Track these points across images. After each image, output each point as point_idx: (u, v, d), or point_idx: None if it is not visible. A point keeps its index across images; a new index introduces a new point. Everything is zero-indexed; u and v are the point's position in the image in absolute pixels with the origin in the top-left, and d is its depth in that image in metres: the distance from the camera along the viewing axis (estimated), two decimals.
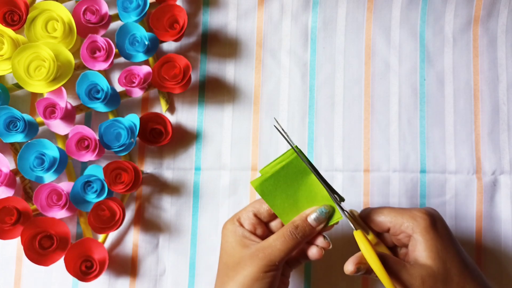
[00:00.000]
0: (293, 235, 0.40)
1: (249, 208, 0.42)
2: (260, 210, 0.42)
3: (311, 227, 0.40)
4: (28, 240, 0.47)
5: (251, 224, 0.42)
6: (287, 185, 0.40)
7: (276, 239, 0.40)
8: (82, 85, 0.49)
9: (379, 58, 0.54)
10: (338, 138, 0.53)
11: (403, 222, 0.40)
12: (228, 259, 0.41)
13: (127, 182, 0.48)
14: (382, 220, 0.41)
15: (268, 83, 0.54)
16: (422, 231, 0.39)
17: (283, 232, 0.40)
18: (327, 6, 0.54)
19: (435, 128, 0.54)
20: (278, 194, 0.41)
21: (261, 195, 0.41)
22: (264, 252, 0.39)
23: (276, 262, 0.39)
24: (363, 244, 0.39)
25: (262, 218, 0.42)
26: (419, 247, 0.39)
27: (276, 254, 0.39)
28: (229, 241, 0.41)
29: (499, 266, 0.52)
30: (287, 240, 0.40)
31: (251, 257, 0.39)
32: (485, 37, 0.55)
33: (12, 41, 0.48)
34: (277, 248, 0.39)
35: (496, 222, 0.53)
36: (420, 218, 0.40)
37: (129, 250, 0.52)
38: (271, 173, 0.40)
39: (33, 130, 0.49)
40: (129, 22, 0.50)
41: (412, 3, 0.55)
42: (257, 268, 0.39)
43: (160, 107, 0.53)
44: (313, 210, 0.41)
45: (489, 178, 0.53)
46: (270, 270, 0.39)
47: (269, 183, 0.40)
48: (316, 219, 0.40)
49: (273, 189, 0.40)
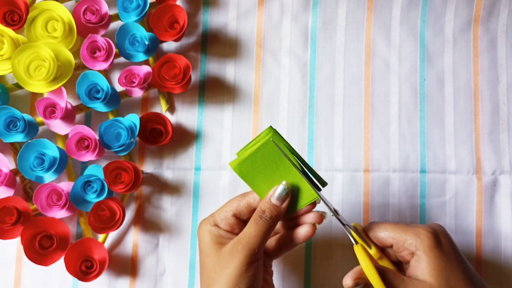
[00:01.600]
0: (263, 218, 0.39)
1: (226, 209, 0.42)
2: (239, 209, 0.41)
3: (276, 206, 0.40)
4: (28, 240, 0.47)
5: (229, 225, 0.41)
6: (265, 166, 0.40)
7: (249, 226, 0.40)
8: (82, 85, 0.49)
9: (379, 58, 0.54)
10: (338, 138, 0.53)
11: (406, 239, 0.39)
12: (207, 260, 0.40)
13: (127, 182, 0.48)
14: (385, 235, 0.40)
15: (268, 83, 0.54)
16: (425, 248, 0.38)
17: (254, 218, 0.40)
18: (327, 6, 0.54)
19: (435, 128, 0.54)
20: (257, 175, 0.40)
21: (240, 176, 0.41)
22: (242, 243, 0.39)
23: (255, 249, 0.39)
24: (362, 259, 0.38)
25: (242, 216, 0.42)
26: (421, 264, 0.38)
27: (254, 241, 0.39)
28: (205, 241, 0.41)
29: (499, 266, 0.52)
30: (259, 225, 0.39)
31: (231, 253, 0.39)
32: (485, 37, 0.55)
33: (12, 41, 0.48)
34: (253, 235, 0.39)
35: (496, 222, 0.53)
36: (424, 236, 0.39)
37: (129, 250, 0.52)
38: (248, 153, 0.40)
39: (33, 130, 0.49)
40: (129, 22, 0.50)
41: (412, 3, 0.55)
42: (238, 262, 0.38)
43: (160, 107, 0.53)
44: (274, 190, 0.40)
45: (489, 178, 0.53)
46: (252, 261, 0.39)
47: (247, 164, 0.40)
48: (278, 197, 0.40)
49: (251, 170, 0.40)
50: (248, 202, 0.41)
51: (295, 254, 0.52)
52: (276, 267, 0.51)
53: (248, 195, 0.42)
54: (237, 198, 0.42)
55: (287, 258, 0.52)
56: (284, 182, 0.40)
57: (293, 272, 0.52)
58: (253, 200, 0.41)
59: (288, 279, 0.51)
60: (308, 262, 0.52)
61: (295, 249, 0.51)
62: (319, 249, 0.52)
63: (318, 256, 0.52)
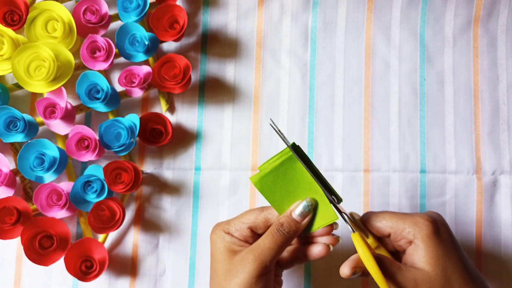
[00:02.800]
0: (280, 232, 0.39)
1: (243, 220, 0.41)
2: (256, 222, 0.41)
3: (296, 222, 0.40)
4: (28, 240, 0.47)
5: (243, 236, 0.41)
6: (286, 181, 0.40)
7: (265, 238, 0.39)
8: (82, 85, 0.49)
9: (379, 58, 0.54)
10: (338, 138, 0.53)
11: (404, 227, 0.39)
12: (218, 267, 0.40)
13: (127, 182, 0.48)
14: (382, 225, 0.40)
15: (268, 83, 0.54)
16: (424, 237, 0.38)
17: (270, 231, 0.39)
18: (327, 6, 0.54)
19: (435, 128, 0.54)
20: (277, 190, 0.40)
21: (260, 191, 0.40)
22: (254, 254, 0.38)
23: (267, 262, 0.38)
24: (360, 247, 0.38)
25: (258, 230, 0.41)
26: (419, 252, 0.38)
27: (267, 254, 0.38)
28: (217, 247, 0.40)
29: (499, 266, 0.52)
30: (275, 238, 0.39)
31: (242, 262, 0.38)
32: (485, 37, 0.55)
33: (12, 41, 0.48)
34: (266, 247, 0.39)
35: (496, 222, 0.53)
36: (423, 224, 0.39)
37: (129, 250, 0.52)
38: (270, 169, 0.40)
39: (33, 130, 0.49)
40: (129, 22, 0.50)
41: (412, 3, 0.55)
42: (249, 274, 0.38)
43: (160, 107, 0.53)
44: (297, 205, 0.40)
45: (489, 178, 0.53)
46: (263, 274, 0.38)
47: (268, 179, 0.40)
48: (300, 213, 0.40)
49: (272, 185, 0.40)
50: (266, 217, 0.41)
51: None
52: None
53: (266, 210, 0.41)
54: (255, 211, 0.41)
55: None
56: (308, 198, 0.40)
57: (293, 272, 0.52)
58: (271, 216, 0.41)
59: (288, 279, 0.51)
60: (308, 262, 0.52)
61: None
62: None
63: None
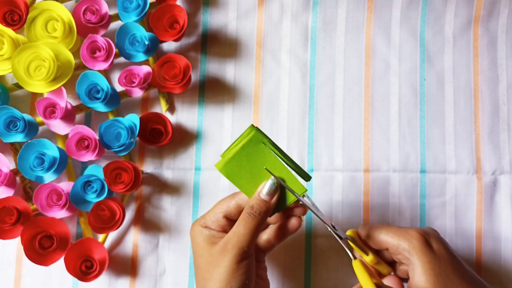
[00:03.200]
0: (251, 215, 0.39)
1: (216, 211, 0.42)
2: (229, 210, 0.41)
3: (265, 202, 0.40)
4: (28, 240, 0.47)
5: (220, 226, 0.41)
6: (250, 164, 0.40)
7: (238, 225, 0.40)
8: (82, 85, 0.49)
9: (379, 58, 0.54)
10: (338, 138, 0.53)
11: (399, 243, 0.40)
12: (200, 260, 0.40)
13: (127, 182, 0.48)
14: (380, 240, 0.41)
15: (268, 83, 0.54)
16: (418, 253, 0.39)
17: (242, 216, 0.40)
18: (327, 6, 0.54)
19: (435, 128, 0.54)
20: (243, 174, 0.40)
21: (226, 177, 0.40)
22: (232, 242, 0.39)
23: (245, 247, 0.39)
24: (361, 276, 0.38)
25: (232, 216, 0.42)
26: (417, 271, 0.38)
27: (243, 240, 0.39)
28: (197, 242, 0.41)
29: (499, 266, 0.52)
30: (248, 222, 0.39)
31: (221, 252, 0.39)
32: (485, 37, 0.55)
33: (12, 41, 0.48)
34: (241, 233, 0.39)
35: (496, 222, 0.53)
36: (415, 239, 0.39)
37: (129, 250, 0.52)
38: (233, 153, 0.40)
39: (33, 130, 0.49)
40: (129, 22, 0.50)
41: (412, 3, 0.55)
42: (229, 261, 0.38)
43: (160, 107, 0.53)
44: (263, 185, 0.40)
45: (489, 178, 0.53)
46: (243, 259, 0.39)
47: (233, 164, 0.40)
48: (267, 192, 0.40)
49: (237, 170, 0.40)
50: (237, 202, 0.42)
51: (295, 254, 0.52)
52: (276, 267, 0.51)
53: (237, 196, 0.42)
54: (226, 199, 0.42)
55: (287, 258, 0.52)
56: (272, 177, 0.40)
57: (293, 272, 0.52)
58: (241, 201, 0.41)
59: (288, 279, 0.51)
60: (308, 262, 0.52)
61: (295, 249, 0.52)
62: (319, 250, 0.52)
63: (318, 256, 0.52)
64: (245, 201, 0.41)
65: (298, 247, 0.52)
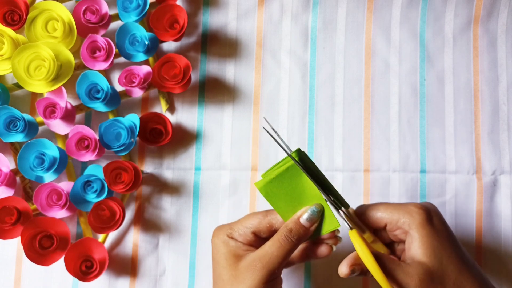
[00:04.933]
0: (288, 239, 0.39)
1: (246, 225, 0.41)
2: (260, 227, 0.40)
3: (305, 228, 0.39)
4: (28, 240, 0.47)
5: (247, 241, 0.40)
6: (291, 187, 0.39)
7: (272, 245, 0.39)
8: (82, 85, 0.49)
9: (379, 58, 0.54)
10: (338, 138, 0.53)
11: (399, 218, 0.39)
12: (223, 272, 0.39)
13: (127, 182, 0.48)
14: (378, 216, 0.40)
15: (268, 83, 0.54)
16: (418, 226, 0.38)
17: (278, 237, 0.39)
18: (327, 6, 0.54)
19: (435, 128, 0.54)
20: (283, 197, 0.40)
21: (265, 197, 0.40)
22: (262, 262, 0.38)
23: (275, 270, 0.38)
24: (358, 244, 0.38)
25: (261, 234, 0.41)
26: (415, 244, 0.38)
27: (275, 262, 0.38)
28: (221, 252, 0.40)
29: (499, 266, 0.52)
30: (283, 245, 0.38)
31: (249, 269, 0.38)
32: (485, 37, 0.55)
33: (12, 41, 0.48)
34: (274, 255, 0.38)
35: (496, 222, 0.53)
36: (416, 213, 0.39)
37: (129, 250, 0.52)
38: (275, 174, 0.39)
39: (33, 130, 0.49)
40: (129, 22, 0.50)
41: (412, 3, 0.55)
42: (257, 281, 0.38)
43: (160, 107, 0.53)
44: (305, 211, 0.40)
45: (489, 178, 0.53)
46: (270, 280, 0.38)
47: (273, 185, 0.39)
48: (309, 219, 0.39)
49: (277, 191, 0.39)
50: (270, 222, 0.41)
51: None
52: None
53: (270, 214, 0.41)
54: (258, 215, 0.41)
55: None
56: (316, 204, 0.40)
57: (293, 272, 0.52)
58: (275, 221, 0.41)
59: (288, 279, 0.51)
60: (308, 262, 0.52)
61: None
62: None
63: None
64: (279, 222, 0.40)
65: None
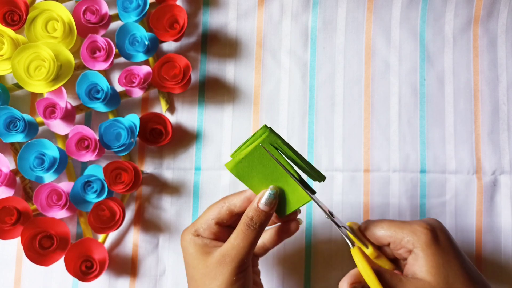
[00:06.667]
0: (251, 227, 0.38)
1: (207, 217, 0.40)
2: (221, 216, 0.40)
3: (265, 212, 0.39)
4: (28, 240, 0.47)
5: (212, 234, 0.40)
6: (262, 165, 0.39)
7: (237, 237, 0.38)
8: (82, 85, 0.49)
9: (379, 58, 0.54)
10: (338, 138, 0.53)
11: (403, 237, 0.38)
12: (194, 272, 0.39)
13: (127, 182, 0.48)
14: (381, 235, 0.39)
15: (268, 83, 0.54)
16: (423, 246, 0.38)
17: (241, 227, 0.39)
18: (327, 6, 0.54)
19: (435, 128, 0.54)
20: (255, 175, 0.39)
21: (237, 177, 0.40)
22: (231, 255, 0.38)
23: (244, 260, 0.38)
24: (359, 262, 0.38)
25: (225, 222, 0.40)
26: (419, 262, 0.38)
27: (242, 253, 0.38)
28: (189, 253, 0.40)
29: (499, 266, 0.52)
30: (247, 235, 0.38)
31: (218, 265, 0.38)
32: (485, 37, 0.55)
33: (12, 41, 0.48)
34: (241, 246, 0.38)
35: (496, 222, 0.53)
36: (421, 233, 0.38)
37: (129, 250, 0.52)
38: (244, 154, 0.39)
39: (33, 130, 0.49)
40: (129, 22, 0.50)
41: (412, 3, 0.55)
42: (228, 274, 0.38)
43: (160, 107, 0.53)
44: (261, 196, 0.39)
45: (489, 178, 0.53)
46: (241, 271, 0.38)
47: (244, 165, 0.39)
48: (267, 203, 0.39)
49: (248, 170, 0.39)
50: (229, 208, 0.40)
51: (295, 255, 0.52)
52: (276, 268, 0.51)
53: (227, 200, 0.41)
54: (217, 204, 0.41)
55: (287, 258, 0.52)
56: (271, 186, 0.39)
57: (293, 272, 0.52)
58: (233, 206, 0.40)
59: (288, 280, 0.51)
60: (308, 262, 0.52)
61: (295, 249, 0.52)
62: (319, 250, 0.52)
63: (318, 256, 0.52)
64: (237, 206, 0.40)
65: (298, 247, 0.52)
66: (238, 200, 0.40)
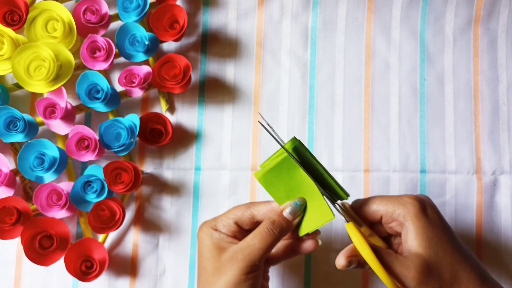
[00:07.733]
0: (271, 231, 0.39)
1: (229, 215, 0.41)
2: (242, 218, 0.41)
3: (288, 221, 0.39)
4: (28, 240, 0.47)
5: (231, 232, 0.41)
6: (289, 177, 0.39)
7: (254, 237, 0.39)
8: (82, 85, 0.49)
9: (379, 58, 0.54)
10: (338, 138, 0.53)
11: (394, 209, 0.39)
12: (207, 264, 0.40)
13: (127, 182, 0.48)
14: (374, 209, 0.40)
15: (268, 83, 0.54)
16: (412, 218, 0.38)
17: (260, 229, 0.39)
18: (327, 6, 0.54)
19: (435, 128, 0.54)
20: (281, 186, 0.40)
21: (264, 187, 0.40)
22: (243, 253, 0.38)
23: (256, 262, 0.38)
24: (355, 236, 0.38)
25: (244, 226, 0.41)
26: (410, 235, 0.38)
27: (256, 253, 0.38)
28: (205, 244, 0.40)
29: (499, 266, 0.52)
30: (265, 238, 0.39)
31: (230, 260, 0.38)
32: (485, 37, 0.55)
33: (12, 41, 0.48)
34: (256, 247, 0.38)
35: (496, 222, 0.53)
36: (410, 205, 0.39)
37: (129, 250, 0.52)
38: (273, 164, 0.39)
39: (33, 130, 0.49)
40: (129, 22, 0.50)
41: (412, 3, 0.55)
42: (238, 272, 0.38)
43: (160, 107, 0.53)
44: (288, 204, 0.40)
45: (489, 178, 0.53)
46: (252, 271, 0.38)
47: (272, 175, 0.39)
48: (291, 212, 0.39)
49: (275, 181, 0.40)
50: (252, 213, 0.41)
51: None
52: (276, 268, 0.51)
53: (253, 206, 0.41)
54: (242, 207, 0.42)
55: None
56: (299, 198, 0.40)
57: (293, 272, 0.52)
58: (257, 213, 0.41)
59: (288, 280, 0.51)
60: (308, 262, 0.52)
61: None
62: (319, 249, 0.52)
63: (318, 256, 0.52)
64: (261, 213, 0.41)
65: None
66: (263, 208, 0.41)
